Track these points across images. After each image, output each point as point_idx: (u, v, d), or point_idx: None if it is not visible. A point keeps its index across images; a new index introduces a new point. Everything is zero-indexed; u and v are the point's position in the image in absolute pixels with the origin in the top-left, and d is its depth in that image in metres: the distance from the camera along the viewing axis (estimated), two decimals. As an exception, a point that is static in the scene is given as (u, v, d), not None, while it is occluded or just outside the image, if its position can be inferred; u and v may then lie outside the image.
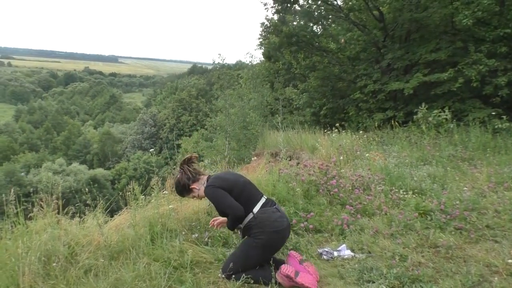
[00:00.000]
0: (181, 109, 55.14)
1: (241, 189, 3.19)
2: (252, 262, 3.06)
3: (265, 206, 3.18)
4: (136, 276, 3.05)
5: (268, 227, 3.06)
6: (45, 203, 3.60)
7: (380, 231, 3.96)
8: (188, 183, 3.30)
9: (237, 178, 3.31)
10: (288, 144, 9.23)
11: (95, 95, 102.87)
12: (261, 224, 3.07)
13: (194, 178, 3.31)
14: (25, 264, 2.94)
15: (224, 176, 3.31)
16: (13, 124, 71.34)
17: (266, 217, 3.10)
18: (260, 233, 3.05)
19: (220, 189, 3.12)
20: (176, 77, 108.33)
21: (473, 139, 7.96)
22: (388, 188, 5.10)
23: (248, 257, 3.06)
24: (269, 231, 3.06)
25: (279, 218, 3.14)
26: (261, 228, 3.06)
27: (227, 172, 3.51)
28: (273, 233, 3.07)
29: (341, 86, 15.73)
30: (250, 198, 3.19)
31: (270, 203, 3.25)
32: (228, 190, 3.12)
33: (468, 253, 3.53)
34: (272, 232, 3.07)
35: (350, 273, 3.21)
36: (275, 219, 3.11)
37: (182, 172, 3.33)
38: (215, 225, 3.51)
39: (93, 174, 45.20)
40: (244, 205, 3.10)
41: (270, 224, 3.08)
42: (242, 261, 3.03)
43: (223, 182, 3.17)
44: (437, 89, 11.19)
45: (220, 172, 3.54)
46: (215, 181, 3.19)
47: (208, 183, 3.24)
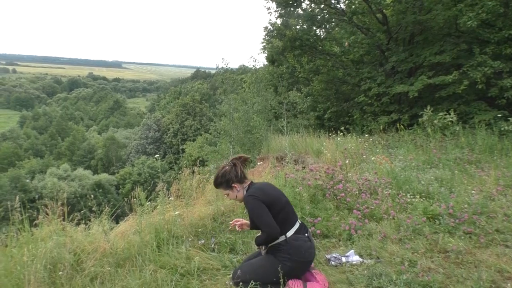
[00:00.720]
0: (185, 114, 55.15)
1: (281, 208, 3.05)
2: (268, 281, 2.94)
3: (298, 232, 3.06)
4: (142, 284, 3.02)
5: (297, 256, 2.97)
6: (50, 209, 3.58)
7: (388, 236, 3.91)
8: (233, 180, 3.16)
9: (279, 196, 3.16)
10: (293, 148, 9.20)
11: (99, 100, 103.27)
12: (291, 251, 2.97)
13: (240, 179, 3.18)
14: (30, 272, 2.92)
15: (267, 190, 3.13)
16: (18, 130, 71.66)
17: (297, 245, 3.00)
18: (287, 260, 2.95)
19: (262, 202, 2.98)
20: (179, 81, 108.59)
21: (479, 141, 7.88)
22: (395, 192, 5.05)
23: (266, 276, 2.93)
24: (296, 259, 2.97)
25: (309, 249, 3.06)
26: (290, 255, 2.96)
27: (269, 184, 3.32)
28: (299, 262, 3.00)
29: (345, 90, 15.72)
30: (287, 220, 3.06)
31: (303, 229, 3.13)
32: (268, 205, 2.98)
33: (479, 258, 3.48)
34: (299, 262, 2.99)
35: (359, 279, 3.16)
36: (305, 250, 3.03)
37: (233, 167, 3.19)
38: (237, 226, 3.36)
39: (98, 179, 45.21)
40: (279, 225, 2.99)
41: (300, 253, 2.99)
42: (259, 277, 2.91)
43: (266, 196, 3.03)
44: (442, 92, 11.13)
45: (262, 182, 3.36)
46: (258, 193, 3.04)
47: (250, 191, 3.10)
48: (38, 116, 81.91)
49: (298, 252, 2.98)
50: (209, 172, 5.48)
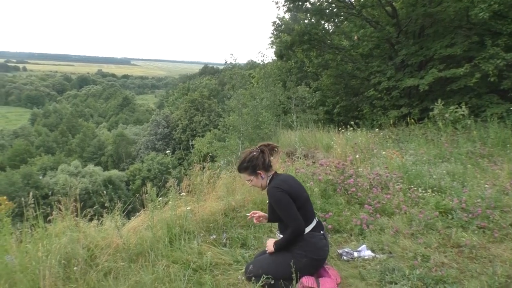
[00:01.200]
0: (194, 110, 55.24)
1: (302, 203, 3.01)
2: (280, 276, 2.92)
3: (315, 229, 3.03)
4: (155, 279, 3.05)
5: (312, 253, 2.95)
6: (63, 206, 3.61)
7: (401, 231, 3.89)
8: (260, 166, 3.08)
9: (301, 191, 3.10)
10: (303, 143, 9.17)
11: (108, 97, 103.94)
12: (307, 248, 2.95)
13: (266, 167, 3.10)
14: (45, 268, 2.95)
15: (291, 183, 3.07)
16: (29, 128, 72.49)
17: (313, 243, 2.98)
18: (302, 256, 2.93)
19: (287, 195, 2.92)
20: (187, 77, 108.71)
21: (492, 135, 7.78)
22: (406, 187, 5.02)
23: (279, 271, 2.92)
24: (311, 257, 2.95)
25: (324, 247, 3.04)
26: (305, 251, 2.94)
27: (291, 177, 3.24)
28: (314, 260, 2.97)
29: (354, 84, 15.61)
30: (306, 216, 3.01)
31: (319, 227, 3.11)
32: (292, 199, 2.94)
33: (493, 252, 3.44)
34: (313, 259, 2.97)
35: (372, 274, 3.15)
36: (320, 247, 3.01)
37: (260, 153, 3.11)
38: (254, 218, 3.32)
39: (108, 176, 45.60)
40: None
41: (315, 251, 2.97)
42: (272, 272, 2.89)
43: (290, 189, 2.97)
44: (453, 85, 11.00)
45: (286, 174, 3.29)
46: (284, 185, 2.98)
47: (275, 183, 3.03)
48: (49, 114, 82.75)
49: (313, 249, 2.95)
50: (219, 167, 5.49)
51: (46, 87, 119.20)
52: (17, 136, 64.75)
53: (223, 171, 5.30)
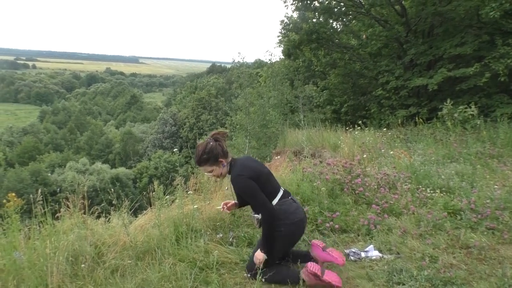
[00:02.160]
0: (201, 108, 55.40)
1: (266, 179, 3.10)
2: (273, 256, 3.04)
3: (283, 197, 3.15)
4: (162, 277, 3.05)
5: (287, 219, 3.05)
6: (71, 203, 3.63)
7: (408, 231, 3.85)
8: (220, 154, 3.08)
9: (262, 168, 3.19)
10: (310, 142, 9.13)
11: (116, 95, 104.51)
12: (281, 216, 3.03)
13: (225, 154, 3.12)
14: (53, 264, 2.97)
15: (251, 165, 3.13)
16: (38, 125, 73.11)
17: (285, 209, 3.07)
18: (279, 226, 3.00)
19: (251, 181, 2.97)
20: (195, 76, 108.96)
21: (501, 135, 7.69)
22: (414, 187, 4.97)
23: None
24: (288, 223, 3.04)
25: (296, 210, 3.14)
26: (281, 220, 3.02)
27: (248, 158, 3.31)
28: (291, 224, 3.06)
29: (362, 83, 15.54)
30: (273, 189, 3.13)
31: (286, 194, 3.22)
32: (255, 180, 2.99)
33: (503, 254, 3.40)
34: (291, 224, 3.05)
35: (379, 274, 3.13)
36: (293, 211, 3.10)
37: (217, 143, 3.11)
38: (226, 208, 3.41)
39: (116, 173, 45.89)
40: (266, 196, 3.05)
41: (289, 215, 3.06)
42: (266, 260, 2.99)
43: (252, 172, 3.02)
44: (462, 85, 10.90)
45: (243, 157, 3.30)
46: (245, 170, 3.03)
47: (237, 170, 3.06)
48: (58, 111, 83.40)
49: (287, 215, 3.05)
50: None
51: (55, 85, 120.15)
52: (26, 133, 65.35)
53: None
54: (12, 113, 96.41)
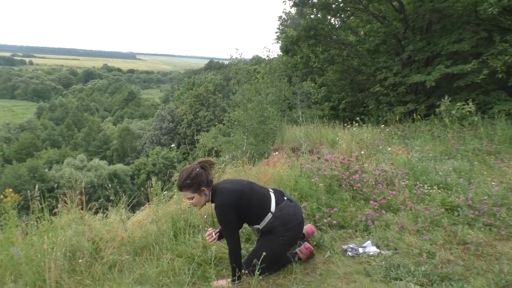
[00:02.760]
0: (199, 105, 55.28)
1: (249, 196, 3.05)
2: (278, 257, 3.12)
3: (278, 201, 3.15)
4: (160, 272, 3.05)
5: (291, 222, 3.10)
6: (68, 198, 3.62)
7: (406, 227, 3.87)
8: (204, 182, 3.02)
9: (242, 188, 3.10)
10: (308, 139, 9.14)
11: (114, 91, 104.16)
12: (285, 222, 3.08)
13: (208, 183, 3.06)
14: (50, 260, 2.96)
15: (231, 188, 3.09)
16: (36, 121, 72.84)
17: (286, 213, 3.11)
18: (286, 231, 3.08)
19: (232, 212, 2.97)
20: (193, 72, 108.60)
21: (499, 132, 7.72)
22: (412, 183, 4.99)
23: (275, 255, 3.07)
24: (293, 225, 3.11)
25: (296, 209, 3.22)
26: (286, 225, 3.08)
27: (227, 180, 3.37)
28: (296, 226, 3.16)
29: (360, 80, 15.52)
30: (262, 198, 3.12)
31: (280, 195, 3.24)
32: (237, 205, 2.99)
33: (500, 250, 3.41)
34: (295, 226, 3.15)
35: (377, 270, 3.14)
36: (294, 213, 3.16)
37: (203, 171, 3.05)
38: (213, 239, 3.24)
39: (113, 170, 45.83)
40: (259, 208, 3.08)
41: (292, 218, 3.12)
42: (268, 258, 2.91)
43: (233, 196, 3.00)
44: (460, 81, 10.91)
45: (222, 182, 3.30)
46: (228, 199, 2.99)
47: (220, 199, 3.00)
48: (55, 107, 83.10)
49: (290, 218, 3.11)
50: (224, 162, 5.49)
51: (52, 81, 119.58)
52: (24, 130, 65.12)
53: (228, 166, 5.30)
54: (9, 109, 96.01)
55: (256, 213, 3.10)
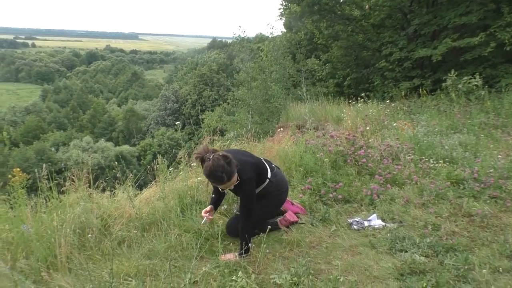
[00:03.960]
0: (203, 85, 55.06)
1: (258, 163, 3.27)
2: (267, 218, 3.48)
3: (271, 169, 3.37)
4: (168, 247, 3.10)
5: (284, 187, 3.45)
6: (76, 177, 3.66)
7: (411, 201, 3.88)
8: (234, 170, 2.91)
9: (249, 155, 3.36)
10: (313, 116, 9.10)
11: (117, 73, 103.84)
12: (279, 186, 3.38)
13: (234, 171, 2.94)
14: (60, 236, 3.02)
15: (248, 161, 3.15)
16: (41, 104, 73.04)
17: (280, 179, 3.41)
18: (279, 194, 3.40)
19: (255, 183, 3.15)
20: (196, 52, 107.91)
21: (506, 105, 7.64)
22: (417, 158, 4.98)
23: (266, 216, 3.45)
24: (285, 189, 3.47)
25: (284, 177, 3.57)
26: (279, 189, 3.38)
27: (233, 152, 3.16)
28: (286, 190, 3.51)
29: (365, 55, 15.32)
30: (262, 166, 3.30)
31: (269, 164, 3.46)
32: (256, 171, 3.19)
33: (505, 221, 3.43)
34: (286, 190, 3.50)
35: (382, 242, 3.17)
36: (283, 179, 3.50)
37: (222, 157, 2.85)
38: (208, 219, 3.26)
39: (120, 151, 46.09)
40: (260, 175, 3.24)
41: (283, 183, 3.45)
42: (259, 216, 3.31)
43: (254, 167, 3.16)
44: (467, 55, 10.73)
45: (232, 151, 3.18)
46: (252, 170, 3.09)
47: (247, 173, 2.97)
48: (59, 90, 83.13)
49: (282, 184, 3.42)
50: (229, 140, 5.50)
51: (55, 63, 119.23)
52: (29, 113, 65.38)
53: (233, 143, 5.31)
54: (14, 92, 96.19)
55: (259, 181, 3.24)
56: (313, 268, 2.81)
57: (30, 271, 2.91)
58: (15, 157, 39.87)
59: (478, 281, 2.55)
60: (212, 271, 2.73)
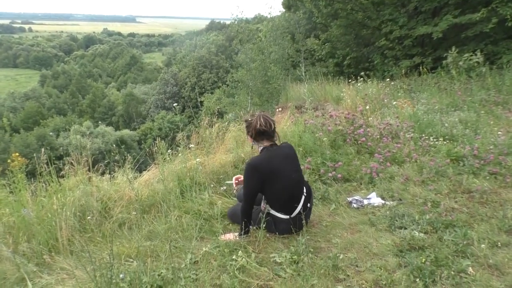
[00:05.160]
0: (202, 67, 54.66)
1: (276, 188, 2.94)
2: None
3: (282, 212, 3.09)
4: (168, 228, 3.12)
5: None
6: (75, 161, 3.66)
7: (411, 179, 3.88)
8: (250, 132, 3.04)
9: (284, 174, 2.96)
10: (312, 96, 9.05)
11: (115, 56, 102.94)
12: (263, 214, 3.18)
13: (252, 136, 3.04)
14: (61, 219, 3.04)
15: (275, 163, 2.95)
16: (40, 89, 72.62)
17: (270, 221, 3.06)
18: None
19: (258, 178, 2.88)
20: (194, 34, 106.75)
21: (507, 82, 7.57)
22: (417, 136, 4.96)
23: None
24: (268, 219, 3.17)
25: (283, 228, 3.19)
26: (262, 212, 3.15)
27: (283, 154, 3.05)
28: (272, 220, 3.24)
29: (365, 34, 15.10)
30: (278, 200, 3.01)
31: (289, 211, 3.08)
32: (265, 179, 2.90)
33: (504, 197, 3.43)
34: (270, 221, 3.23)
35: (381, 220, 3.18)
36: (276, 228, 3.17)
37: (259, 123, 2.98)
38: (236, 184, 3.42)
39: (120, 135, 46.08)
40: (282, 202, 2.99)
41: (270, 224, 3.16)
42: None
43: (268, 170, 2.91)
44: (468, 31, 10.58)
45: (280, 149, 3.09)
46: (262, 164, 2.91)
47: (256, 159, 2.97)
48: (58, 75, 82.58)
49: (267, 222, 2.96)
50: (228, 120, 5.48)
51: (53, 48, 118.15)
52: (28, 99, 65.09)
53: (232, 124, 5.29)
54: (12, 78, 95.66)
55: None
56: (312, 246, 2.83)
57: (32, 254, 2.93)
58: (16, 143, 39.93)
59: (476, 255, 2.57)
60: (212, 251, 2.75)
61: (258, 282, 2.42)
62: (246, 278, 2.45)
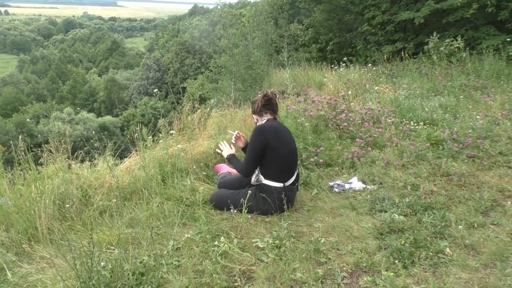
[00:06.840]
0: (185, 52, 53.97)
1: (278, 159, 3.13)
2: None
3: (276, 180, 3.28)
4: (150, 215, 3.10)
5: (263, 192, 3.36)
6: (54, 148, 3.59)
7: (391, 163, 3.93)
8: (253, 109, 3.34)
9: (287, 148, 3.20)
10: (295, 81, 9.05)
11: (96, 41, 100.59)
12: (263, 192, 3.32)
13: (258, 112, 3.30)
14: (40, 208, 2.98)
15: (281, 135, 3.18)
16: (18, 75, 70.71)
17: (266, 196, 3.22)
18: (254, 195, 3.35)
19: (263, 144, 3.08)
20: (177, 19, 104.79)
21: (486, 67, 7.69)
22: (398, 120, 5.02)
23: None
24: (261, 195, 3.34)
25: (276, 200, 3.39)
26: (260, 191, 3.31)
27: (287, 131, 3.35)
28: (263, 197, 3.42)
29: (348, 19, 15.11)
30: (277, 171, 3.18)
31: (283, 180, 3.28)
32: (269, 149, 3.08)
33: (481, 179, 3.51)
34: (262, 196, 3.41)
35: (362, 204, 3.22)
36: (269, 200, 3.34)
37: (262, 99, 3.27)
38: (235, 139, 3.62)
39: (102, 122, 45.41)
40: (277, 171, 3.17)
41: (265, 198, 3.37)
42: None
43: (274, 140, 3.10)
44: (449, 17, 10.68)
45: (284, 126, 3.42)
46: (269, 131, 3.12)
47: (264, 124, 3.20)
48: (36, 60, 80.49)
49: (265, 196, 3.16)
50: (209, 106, 5.43)
51: (31, 32, 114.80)
52: (6, 84, 63.36)
53: (214, 110, 5.25)
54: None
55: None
56: (294, 231, 2.85)
57: (11, 243, 2.88)
58: (-6, 131, 39.01)
59: (454, 236, 2.63)
60: (194, 237, 2.75)
61: (240, 267, 2.43)
62: (228, 264, 2.46)
